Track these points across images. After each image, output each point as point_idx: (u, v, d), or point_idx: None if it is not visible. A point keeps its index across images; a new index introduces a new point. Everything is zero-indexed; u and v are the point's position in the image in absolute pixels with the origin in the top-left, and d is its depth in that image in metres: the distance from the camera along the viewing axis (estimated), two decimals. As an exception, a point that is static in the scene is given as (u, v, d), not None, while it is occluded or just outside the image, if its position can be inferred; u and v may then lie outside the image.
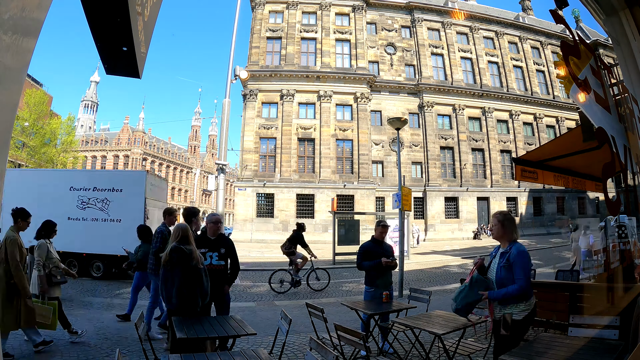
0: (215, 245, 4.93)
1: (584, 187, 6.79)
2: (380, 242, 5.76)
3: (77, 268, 11.43)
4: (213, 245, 4.93)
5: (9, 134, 1.16)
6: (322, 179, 33.57)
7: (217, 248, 4.93)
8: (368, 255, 5.58)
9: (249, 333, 3.80)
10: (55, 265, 5.63)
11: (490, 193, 37.62)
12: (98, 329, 6.29)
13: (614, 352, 3.13)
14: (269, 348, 4.62)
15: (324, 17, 37.20)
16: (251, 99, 34.64)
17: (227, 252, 4.99)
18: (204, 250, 4.83)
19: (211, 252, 4.88)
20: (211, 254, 4.87)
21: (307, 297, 9.97)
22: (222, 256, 4.93)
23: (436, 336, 4.02)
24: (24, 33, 1.09)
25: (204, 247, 4.87)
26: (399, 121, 10.59)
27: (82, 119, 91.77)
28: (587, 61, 2.47)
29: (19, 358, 4.93)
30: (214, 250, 4.90)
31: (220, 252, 4.92)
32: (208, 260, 4.80)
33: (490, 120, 39.04)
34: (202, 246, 4.85)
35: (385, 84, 37.57)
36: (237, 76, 10.93)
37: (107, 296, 9.50)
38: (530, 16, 47.03)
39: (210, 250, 4.89)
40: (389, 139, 36.35)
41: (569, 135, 5.74)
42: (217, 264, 4.87)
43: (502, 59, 41.14)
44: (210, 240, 4.98)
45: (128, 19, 1.18)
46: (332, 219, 19.23)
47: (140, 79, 1.50)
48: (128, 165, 73.86)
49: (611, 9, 2.67)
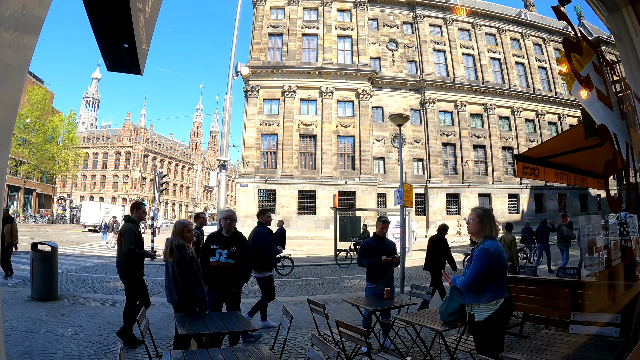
0: (227, 243, 4.84)
1: (586, 184, 6.78)
2: (381, 238, 5.73)
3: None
4: (225, 242, 4.86)
5: (10, 131, 1.16)
6: (324, 175, 33.57)
7: (228, 246, 4.82)
8: (369, 252, 5.56)
9: (250, 329, 3.81)
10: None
11: (491, 190, 37.60)
12: (100, 325, 6.32)
13: (614, 349, 3.13)
14: (271, 344, 4.63)
15: (326, 13, 37.09)
16: (253, 95, 34.61)
17: (238, 251, 4.85)
18: (214, 247, 4.81)
19: (221, 250, 4.81)
20: (221, 251, 4.80)
21: (309, 293, 9.99)
22: (232, 254, 4.81)
23: (437, 333, 4.03)
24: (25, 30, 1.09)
25: (215, 243, 4.86)
26: (401, 117, 10.56)
27: (84, 115, 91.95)
28: (590, 58, 2.46)
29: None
30: (225, 248, 4.81)
31: (231, 250, 4.81)
32: (217, 257, 4.76)
33: (492, 117, 38.97)
34: (214, 242, 4.85)
35: (387, 80, 37.49)
36: (239, 72, 10.92)
37: (108, 292, 9.54)
38: (532, 12, 46.81)
39: (221, 247, 4.82)
40: (391, 135, 36.30)
41: (571, 132, 5.72)
42: (224, 261, 4.78)
43: (504, 56, 41.00)
44: (223, 237, 4.93)
45: (129, 15, 1.17)
46: (334, 215, 19.23)
47: (142, 75, 1.50)
48: (130, 162, 73.94)
49: (613, 5, 2.66)
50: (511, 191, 38.18)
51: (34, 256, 7.92)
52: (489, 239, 3.22)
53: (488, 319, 3.09)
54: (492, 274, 3.09)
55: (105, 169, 75.46)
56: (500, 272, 3.13)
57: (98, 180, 75.43)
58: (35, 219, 45.04)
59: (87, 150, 71.68)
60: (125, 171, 74.08)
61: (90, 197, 72.88)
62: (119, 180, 74.25)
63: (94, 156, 75.84)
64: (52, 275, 8.02)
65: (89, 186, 74.90)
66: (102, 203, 48.38)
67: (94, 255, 17.09)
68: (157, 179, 16.92)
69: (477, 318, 3.14)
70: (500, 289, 3.14)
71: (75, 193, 68.83)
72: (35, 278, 7.89)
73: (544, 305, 5.31)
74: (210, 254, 4.85)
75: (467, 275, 3.16)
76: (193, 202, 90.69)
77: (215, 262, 4.72)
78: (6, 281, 9.79)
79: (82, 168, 67.85)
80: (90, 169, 75.13)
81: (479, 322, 3.13)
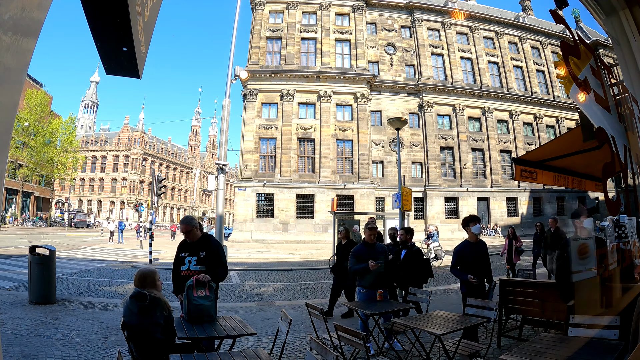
0: (195, 249, 4.46)
1: (584, 187, 6.78)
2: (371, 244, 5.74)
3: None
4: (192, 248, 4.48)
5: (9, 134, 1.16)
6: (322, 179, 33.56)
7: (197, 251, 4.42)
8: (359, 258, 5.58)
9: (249, 333, 3.80)
10: None
11: (490, 193, 37.65)
12: (98, 329, 6.29)
13: (614, 352, 3.13)
14: (269, 348, 4.62)
15: (324, 17, 37.20)
16: (251, 99, 34.64)
17: (207, 255, 4.40)
18: (183, 255, 4.48)
19: (190, 257, 4.43)
20: (190, 258, 4.42)
21: (308, 297, 9.98)
22: (202, 260, 4.39)
23: (436, 337, 4.03)
24: (24, 33, 1.09)
25: (184, 251, 4.51)
26: (399, 121, 10.58)
27: (82, 119, 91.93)
28: (587, 61, 2.47)
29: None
30: (193, 254, 4.42)
31: (200, 255, 4.39)
32: (186, 265, 4.39)
33: (490, 120, 39.07)
34: (182, 250, 4.53)
35: (385, 84, 37.57)
36: (237, 76, 10.94)
37: (106, 296, 9.50)
38: (530, 16, 47.05)
39: (190, 254, 4.45)
40: (389, 139, 36.35)
41: (569, 135, 5.73)
42: (194, 269, 4.35)
43: (502, 59, 41.16)
44: (189, 244, 4.52)
45: (128, 19, 1.18)
46: (332, 219, 19.21)
47: (141, 79, 1.50)
48: (128, 165, 73.86)
49: (611, 8, 2.67)
50: (510, 194, 38.23)
51: (32, 259, 7.88)
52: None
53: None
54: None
55: (103, 172, 75.34)
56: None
57: (96, 183, 75.28)
58: (33, 222, 44.94)
59: (85, 154, 71.46)
60: (123, 175, 73.96)
61: (88, 201, 72.82)
62: (117, 183, 74.10)
63: (93, 159, 75.69)
64: (50, 278, 7.98)
65: (87, 189, 74.74)
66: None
67: (92, 259, 17.03)
68: (155, 183, 16.88)
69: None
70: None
71: (74, 196, 68.72)
72: (33, 281, 7.85)
73: (544, 308, 5.31)
74: (180, 263, 4.49)
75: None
76: (191, 205, 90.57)
77: (185, 270, 4.37)
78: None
79: (80, 171, 67.67)
80: (89, 172, 74.97)
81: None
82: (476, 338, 4.98)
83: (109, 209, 71.22)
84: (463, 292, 5.30)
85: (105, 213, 69.23)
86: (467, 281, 5.15)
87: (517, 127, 39.81)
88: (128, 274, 12.89)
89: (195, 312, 4.01)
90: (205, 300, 4.06)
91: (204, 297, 4.05)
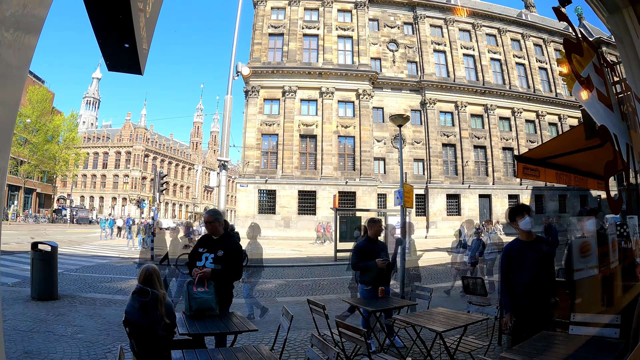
0: (214, 246, 4.35)
1: (586, 185, 6.76)
2: (375, 240, 5.74)
3: None
4: (212, 245, 4.38)
5: (11, 131, 1.16)
6: (324, 175, 33.56)
7: (215, 249, 4.31)
8: (363, 255, 5.57)
9: (250, 329, 3.81)
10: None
11: (492, 190, 37.58)
12: (100, 325, 6.32)
13: (614, 350, 3.13)
14: (271, 344, 4.64)
15: (326, 13, 37.09)
16: (253, 96, 34.61)
17: (225, 255, 4.28)
18: (201, 250, 4.38)
19: (207, 254, 4.32)
20: (207, 255, 4.32)
21: (309, 294, 10.00)
22: (219, 259, 4.25)
23: (437, 334, 4.03)
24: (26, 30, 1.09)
25: (202, 246, 4.43)
26: (401, 118, 10.53)
27: (84, 115, 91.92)
28: (590, 59, 2.46)
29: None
30: (212, 252, 4.32)
31: (217, 254, 4.28)
32: (203, 261, 4.29)
33: (493, 118, 38.96)
34: (201, 245, 4.45)
35: (388, 81, 37.48)
36: (239, 73, 10.91)
37: (108, 292, 9.54)
38: (533, 13, 46.80)
39: (208, 250, 4.35)
40: (391, 135, 36.30)
41: (571, 133, 5.71)
42: (209, 267, 4.24)
43: (504, 56, 40.99)
44: (212, 239, 4.44)
45: (130, 15, 1.18)
46: (334, 215, 19.23)
47: (142, 75, 1.50)
48: (130, 161, 73.94)
49: (614, 6, 2.66)
50: (512, 192, 38.13)
51: (34, 256, 7.91)
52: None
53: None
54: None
55: (105, 168, 75.39)
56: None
57: (98, 180, 75.37)
58: (35, 219, 45.06)
59: (87, 150, 71.59)
60: (125, 171, 74.03)
61: (90, 197, 72.94)
62: (119, 180, 74.18)
63: (94, 156, 75.76)
64: (52, 274, 8.02)
65: (89, 186, 74.86)
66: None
67: (94, 255, 17.08)
68: (157, 179, 16.89)
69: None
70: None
71: (76, 193, 68.80)
72: (35, 277, 7.89)
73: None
74: (197, 257, 4.38)
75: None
76: (193, 202, 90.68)
77: (202, 266, 4.26)
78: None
79: (82, 168, 67.78)
80: (91, 168, 75.05)
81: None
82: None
83: (110, 206, 71.33)
84: (506, 316, 3.90)
85: (107, 209, 69.36)
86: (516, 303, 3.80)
87: (520, 124, 39.70)
88: (130, 270, 12.93)
89: (197, 306, 4.01)
90: (205, 294, 4.07)
91: (204, 292, 4.06)
